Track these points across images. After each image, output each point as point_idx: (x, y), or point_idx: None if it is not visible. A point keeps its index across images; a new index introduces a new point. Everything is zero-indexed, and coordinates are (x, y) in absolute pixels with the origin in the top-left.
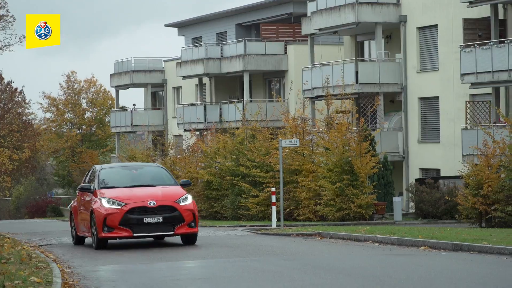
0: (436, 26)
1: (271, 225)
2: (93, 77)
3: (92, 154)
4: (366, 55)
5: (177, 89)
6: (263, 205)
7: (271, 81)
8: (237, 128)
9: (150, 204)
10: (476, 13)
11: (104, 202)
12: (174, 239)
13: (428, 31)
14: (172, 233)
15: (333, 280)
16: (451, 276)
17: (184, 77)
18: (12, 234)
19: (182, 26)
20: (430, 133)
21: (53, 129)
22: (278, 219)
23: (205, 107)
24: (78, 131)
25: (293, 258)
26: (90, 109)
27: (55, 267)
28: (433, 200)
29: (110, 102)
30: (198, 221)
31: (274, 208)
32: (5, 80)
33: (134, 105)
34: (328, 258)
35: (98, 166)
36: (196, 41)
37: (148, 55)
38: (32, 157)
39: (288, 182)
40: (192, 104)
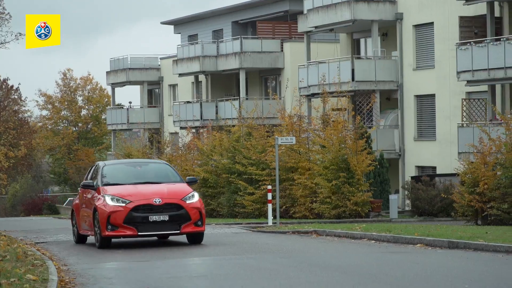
0: (432, 24)
1: (267, 223)
2: (89, 75)
3: (88, 152)
4: (362, 53)
5: (173, 87)
6: (259, 203)
7: (267, 79)
8: (233, 126)
9: (156, 202)
10: (472, 11)
11: (108, 200)
12: (176, 238)
13: (424, 29)
14: (178, 232)
15: (329, 278)
16: (447, 274)
17: (180, 75)
18: (8, 232)
19: (178, 24)
20: (426, 131)
21: (49, 127)
22: (274, 217)
23: (201, 105)
24: (74, 129)
25: (289, 256)
26: (86, 107)
27: (51, 265)
28: (429, 198)
29: (106, 100)
30: (205, 220)
31: (270, 206)
32: (1, 78)
33: (130, 103)
34: (324, 256)
35: (101, 163)
36: (192, 39)
37: (144, 53)
38: (28, 155)
39: (284, 180)
40: (188, 102)
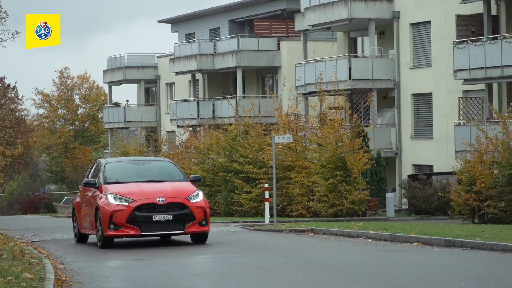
0: (429, 22)
1: (264, 221)
2: (86, 73)
3: (85, 150)
4: (359, 51)
5: (170, 85)
6: (256, 201)
7: (264, 77)
8: (230, 124)
9: (159, 201)
10: (469, 9)
11: (110, 198)
12: (177, 237)
13: (421, 27)
14: (182, 232)
15: (326, 276)
16: (444, 272)
17: (177, 73)
18: (5, 230)
19: (175, 22)
20: (423, 129)
21: (46, 125)
22: (271, 215)
23: (198, 103)
24: (71, 127)
25: (286, 254)
26: (83, 105)
27: (48, 263)
28: (426, 196)
29: (103, 98)
30: (210, 219)
31: (267, 204)
32: None
33: (127, 101)
34: (321, 254)
35: (103, 160)
36: (189, 37)
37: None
38: (25, 153)
39: (281, 178)
40: (185, 100)
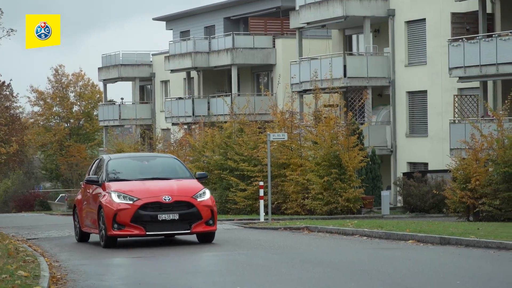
0: (424, 20)
1: (259, 219)
2: (81, 71)
3: (80, 148)
4: (354, 49)
5: (165, 83)
6: (251, 199)
7: (259, 75)
8: (225, 122)
9: (165, 200)
10: (464, 7)
11: (114, 197)
12: (179, 236)
13: (416, 25)
14: (189, 232)
15: (321, 274)
16: (439, 270)
17: (172, 71)
18: (0, 228)
19: (170, 20)
20: (418, 127)
21: (41, 123)
22: (266, 213)
23: (193, 101)
24: (66, 125)
25: (281, 252)
26: (78, 103)
27: (43, 261)
28: (421, 194)
29: (98, 96)
30: (217, 218)
31: (262, 202)
32: None
33: (122, 99)
34: (316, 252)
35: (106, 156)
36: (184, 35)
37: (136, 49)
38: (20, 151)
39: (276, 176)
40: (180, 98)
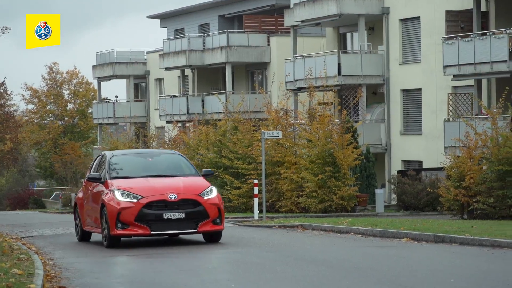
0: (419, 18)
1: (254, 217)
2: (76, 69)
3: (74, 146)
4: (349, 47)
5: (160, 81)
6: (246, 197)
7: (254, 73)
8: (220, 120)
9: (171, 198)
10: (459, 5)
11: (118, 195)
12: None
13: (411, 23)
14: (196, 231)
15: (316, 272)
16: (433, 268)
17: (167, 69)
18: None
19: (165, 18)
20: (413, 125)
21: (35, 121)
22: (261, 211)
23: (188, 99)
24: (60, 123)
25: (275, 250)
26: (72, 101)
27: (37, 259)
28: (415, 192)
29: (93, 94)
30: (224, 217)
31: (257, 200)
32: None
33: (117, 97)
34: (310, 250)
35: (108, 153)
36: (179, 33)
37: (131, 47)
38: (14, 149)
39: (271, 174)
40: (175, 96)
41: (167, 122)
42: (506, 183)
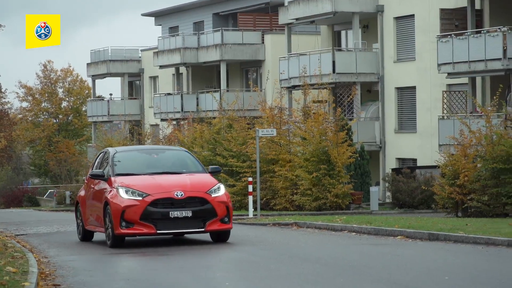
0: (413, 16)
1: (248, 215)
2: (70, 67)
3: (69, 144)
4: (343, 45)
5: (154, 79)
6: (240, 195)
7: (248, 71)
8: (214, 118)
9: (177, 196)
10: (453, 3)
11: (122, 192)
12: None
13: (405, 21)
14: (203, 230)
15: (310, 270)
16: (428, 266)
17: (161, 67)
18: None
19: (159, 16)
20: (407, 123)
21: (30, 119)
22: (255, 209)
23: (182, 97)
24: (55, 121)
25: (270, 248)
26: (67, 99)
27: (31, 257)
28: (410, 190)
29: (87, 92)
30: (232, 215)
31: (251, 198)
32: None
33: (111, 95)
34: (305, 248)
35: (112, 149)
36: (173, 31)
37: (125, 45)
38: (8, 147)
39: (265, 172)
40: (169, 94)
41: (162, 120)
42: (500, 181)
